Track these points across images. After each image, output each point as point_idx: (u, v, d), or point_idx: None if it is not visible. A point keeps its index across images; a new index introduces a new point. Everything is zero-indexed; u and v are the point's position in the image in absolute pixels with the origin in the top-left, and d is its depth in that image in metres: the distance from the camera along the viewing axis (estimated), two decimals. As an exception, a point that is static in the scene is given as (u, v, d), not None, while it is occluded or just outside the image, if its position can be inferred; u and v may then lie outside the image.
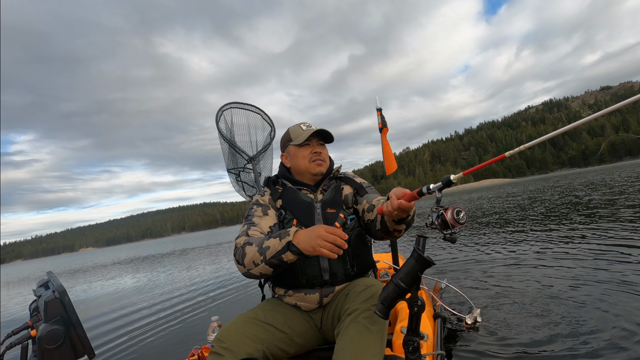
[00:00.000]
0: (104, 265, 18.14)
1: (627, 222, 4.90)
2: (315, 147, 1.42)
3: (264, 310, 1.28)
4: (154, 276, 7.44)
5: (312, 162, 1.40)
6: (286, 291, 1.35)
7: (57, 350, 0.94)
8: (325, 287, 1.31)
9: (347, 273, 1.32)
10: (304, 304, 1.33)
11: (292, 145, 1.43)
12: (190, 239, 46.80)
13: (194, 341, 2.70)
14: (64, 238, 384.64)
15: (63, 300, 0.98)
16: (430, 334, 1.52)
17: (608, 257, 3.30)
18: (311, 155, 1.40)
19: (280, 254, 1.10)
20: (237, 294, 4.43)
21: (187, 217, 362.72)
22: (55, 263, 40.87)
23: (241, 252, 1.19)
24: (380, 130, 2.80)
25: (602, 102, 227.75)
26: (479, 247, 5.00)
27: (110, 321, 3.93)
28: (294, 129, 1.45)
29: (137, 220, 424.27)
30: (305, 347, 1.32)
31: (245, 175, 2.16)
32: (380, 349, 1.06)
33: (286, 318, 1.28)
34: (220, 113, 2.09)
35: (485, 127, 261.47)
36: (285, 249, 1.10)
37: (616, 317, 2.02)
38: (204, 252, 13.72)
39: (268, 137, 2.24)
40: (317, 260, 1.29)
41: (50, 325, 0.94)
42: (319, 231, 1.03)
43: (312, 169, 1.40)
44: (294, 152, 1.42)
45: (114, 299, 5.32)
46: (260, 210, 1.37)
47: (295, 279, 1.30)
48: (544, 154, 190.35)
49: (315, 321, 1.34)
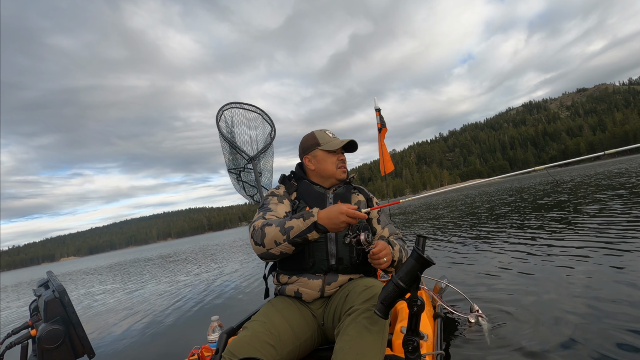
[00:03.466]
0: (97, 269, 17.64)
1: (622, 218, 5.08)
2: (341, 155, 1.56)
3: (271, 317, 1.28)
4: (153, 277, 7.28)
5: (338, 168, 1.53)
6: (290, 277, 1.38)
7: (57, 350, 0.93)
8: (329, 273, 1.36)
9: (353, 261, 1.37)
10: (306, 290, 1.35)
11: (320, 150, 1.53)
12: (179, 244, 45.87)
13: (194, 341, 2.66)
14: (44, 248, 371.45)
15: (63, 300, 0.97)
16: (430, 334, 1.52)
17: (611, 254, 3.32)
18: (338, 162, 1.53)
19: (306, 233, 1.18)
20: (237, 294, 4.39)
21: (172, 223, 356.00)
22: (40, 273, 39.38)
23: (260, 232, 1.25)
24: (379, 131, 2.84)
25: (578, 103, 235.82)
26: (479, 247, 5.04)
27: (110, 321, 3.84)
28: (321, 134, 1.56)
29: (120, 227, 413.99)
30: (309, 350, 1.34)
31: (246, 175, 2.16)
32: (380, 350, 1.07)
33: (293, 326, 1.28)
34: (220, 113, 2.09)
35: (469, 128, 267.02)
36: (311, 228, 1.18)
37: (620, 317, 2.03)
38: (199, 254, 13.49)
39: (268, 137, 2.24)
40: (324, 245, 1.36)
41: (50, 325, 0.93)
42: (341, 208, 1.14)
43: (338, 175, 1.53)
44: (323, 156, 1.53)
45: (113, 299, 5.20)
46: (275, 199, 1.47)
47: (303, 261, 1.36)
48: (525, 154, 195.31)
49: (317, 319, 1.36)
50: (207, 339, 1.57)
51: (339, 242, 1.37)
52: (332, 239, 1.37)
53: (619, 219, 4.88)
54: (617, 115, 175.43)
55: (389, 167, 3.03)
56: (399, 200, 1.47)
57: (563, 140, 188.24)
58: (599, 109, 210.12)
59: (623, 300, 2.23)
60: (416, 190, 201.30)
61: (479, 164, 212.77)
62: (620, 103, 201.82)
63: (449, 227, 8.07)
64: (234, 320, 1.62)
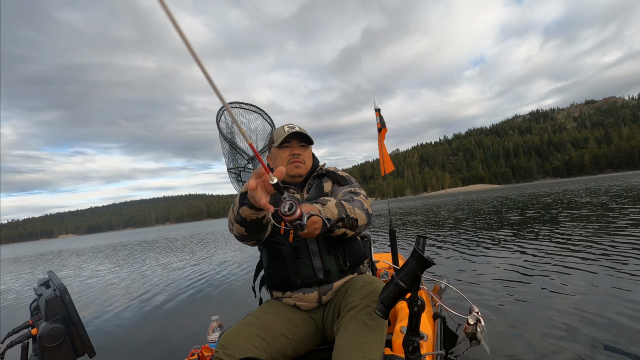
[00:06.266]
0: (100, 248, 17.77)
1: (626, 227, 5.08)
2: (295, 148, 1.41)
3: (266, 314, 1.27)
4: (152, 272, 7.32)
5: (290, 163, 1.40)
6: (284, 293, 1.35)
7: (58, 348, 0.93)
8: (322, 285, 1.32)
9: (341, 269, 1.32)
10: (304, 303, 1.33)
11: (274, 147, 1.43)
12: (177, 229, 46.10)
13: (194, 341, 2.67)
14: (42, 224, 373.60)
15: (64, 298, 0.97)
16: (430, 334, 1.52)
17: (612, 258, 3.40)
18: (290, 157, 1.40)
19: (239, 209, 1.07)
20: (237, 293, 4.39)
21: (171, 208, 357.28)
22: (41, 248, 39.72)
23: (229, 215, 1.21)
24: (379, 131, 2.83)
25: (586, 115, 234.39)
26: (479, 249, 5.06)
27: (110, 320, 3.86)
28: (277, 131, 1.45)
29: (119, 208, 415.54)
30: (307, 349, 1.33)
31: (246, 174, 2.15)
32: (380, 345, 1.07)
33: (288, 322, 1.28)
34: (220, 113, 2.07)
35: (474, 133, 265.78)
36: (241, 203, 1.05)
37: (621, 318, 2.08)
38: (198, 244, 13.55)
39: (268, 137, 2.24)
40: (309, 260, 1.30)
41: (51, 324, 0.93)
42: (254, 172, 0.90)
43: (289, 171, 1.40)
44: (275, 154, 1.43)
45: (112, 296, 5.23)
46: None
47: (291, 280, 1.30)
48: (529, 162, 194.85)
49: (316, 322, 1.34)
50: (207, 339, 1.57)
51: (324, 255, 1.30)
52: (316, 253, 1.30)
53: (624, 226, 4.87)
54: (623, 129, 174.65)
55: (389, 167, 3.02)
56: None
57: (568, 151, 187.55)
58: (606, 122, 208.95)
59: (622, 305, 2.27)
60: (417, 191, 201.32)
61: (481, 170, 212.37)
62: (628, 118, 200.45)
63: (450, 229, 8.09)
64: (234, 320, 1.61)
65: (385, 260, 2.73)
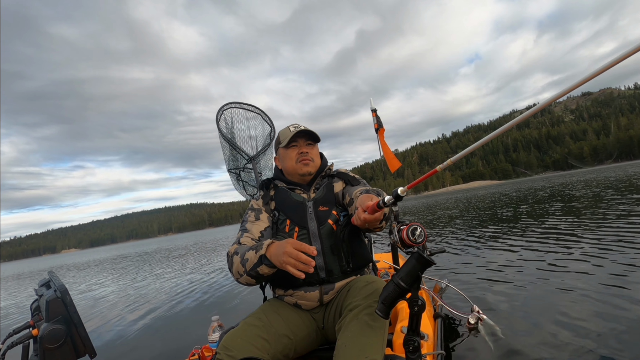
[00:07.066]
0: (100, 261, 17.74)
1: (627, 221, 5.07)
2: (302, 147, 1.44)
3: (267, 314, 1.28)
4: (152, 275, 7.31)
5: (299, 162, 1.43)
6: (286, 291, 1.35)
7: (59, 349, 0.93)
8: (324, 284, 1.32)
9: (344, 269, 1.32)
10: (305, 302, 1.33)
11: (281, 148, 1.46)
12: (180, 239, 46.04)
13: (194, 341, 2.67)
14: (45, 239, 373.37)
15: (65, 299, 0.97)
16: (431, 334, 1.52)
17: (615, 256, 3.34)
18: (298, 156, 1.43)
19: (256, 267, 1.13)
20: (238, 294, 4.39)
21: (173, 218, 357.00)
22: (42, 265, 39.64)
23: (230, 261, 1.24)
24: (376, 131, 2.83)
25: (583, 107, 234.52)
26: (480, 248, 5.03)
27: (111, 321, 3.86)
28: (282, 131, 1.48)
29: (121, 221, 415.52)
30: (308, 349, 1.33)
31: (246, 174, 2.17)
32: (382, 346, 1.07)
33: (289, 322, 1.28)
34: (220, 113, 2.10)
35: (472, 130, 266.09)
36: (259, 262, 1.12)
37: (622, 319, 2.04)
38: (200, 251, 13.53)
39: (268, 137, 2.26)
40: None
41: (51, 325, 0.93)
42: (285, 246, 1.03)
43: (299, 169, 1.43)
44: (283, 154, 1.46)
45: (113, 298, 5.22)
46: (253, 215, 1.41)
47: (293, 279, 1.30)
48: (528, 157, 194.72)
49: (317, 322, 1.35)
50: (207, 339, 1.58)
51: (327, 255, 1.31)
52: (320, 252, 1.31)
53: (629, 223, 4.86)
54: (621, 119, 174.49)
55: (395, 164, 2.99)
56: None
57: (567, 144, 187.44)
58: (604, 113, 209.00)
59: (625, 304, 2.23)
60: (417, 191, 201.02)
61: (481, 166, 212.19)
62: (626, 108, 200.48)
63: (450, 228, 8.05)
64: (234, 320, 1.62)
65: (385, 260, 2.72)
